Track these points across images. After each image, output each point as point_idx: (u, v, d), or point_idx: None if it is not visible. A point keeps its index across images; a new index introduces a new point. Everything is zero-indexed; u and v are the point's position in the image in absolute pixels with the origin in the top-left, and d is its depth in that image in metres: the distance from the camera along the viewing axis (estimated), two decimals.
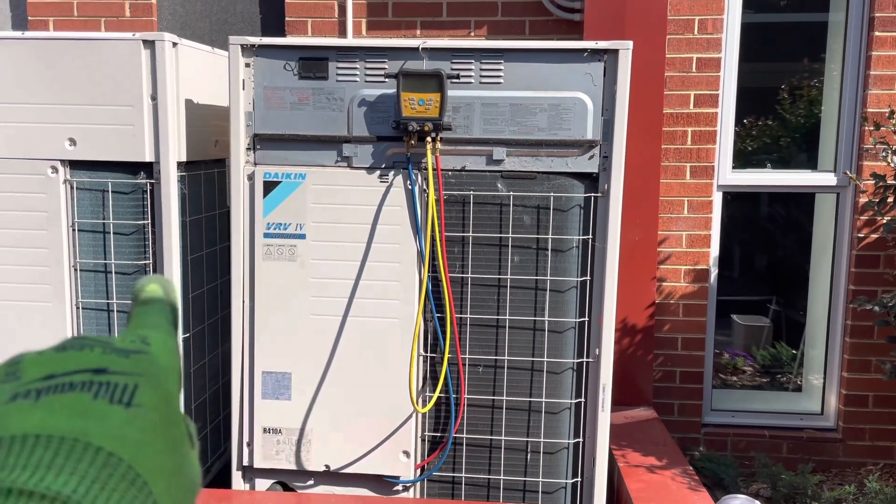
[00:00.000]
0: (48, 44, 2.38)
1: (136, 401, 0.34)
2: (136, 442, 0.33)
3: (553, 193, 2.34)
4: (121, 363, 0.35)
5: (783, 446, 3.50)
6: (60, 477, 0.31)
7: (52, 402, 0.33)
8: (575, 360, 2.40)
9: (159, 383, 0.36)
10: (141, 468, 0.33)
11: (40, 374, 0.34)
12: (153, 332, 0.39)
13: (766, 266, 4.38)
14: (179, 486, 0.35)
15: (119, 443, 0.33)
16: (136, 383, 0.35)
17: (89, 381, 0.34)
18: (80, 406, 0.33)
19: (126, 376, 0.35)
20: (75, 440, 0.32)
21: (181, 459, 0.36)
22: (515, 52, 2.31)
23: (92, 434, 0.32)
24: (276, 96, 2.36)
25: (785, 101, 3.88)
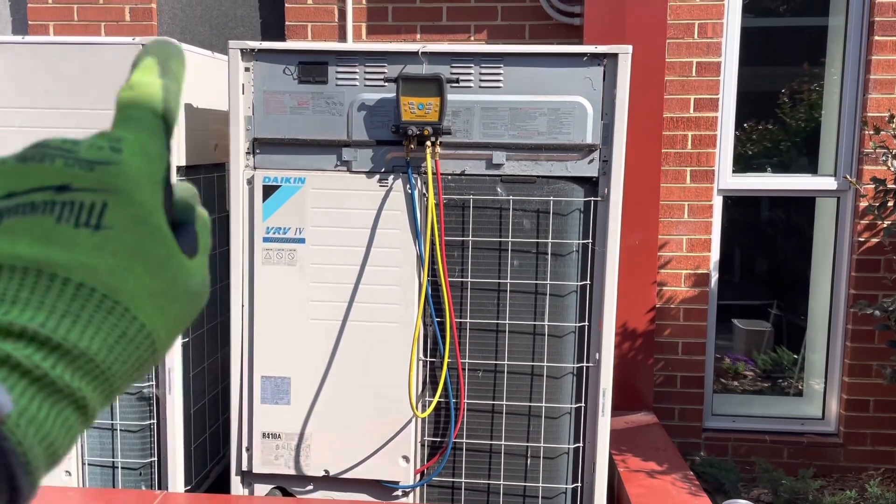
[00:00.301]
0: (49, 48, 2.38)
1: (105, 222, 0.31)
2: (110, 268, 0.31)
3: (553, 197, 2.34)
4: (85, 178, 0.32)
5: (784, 451, 3.49)
6: (27, 312, 0.29)
7: (13, 227, 0.30)
8: (575, 365, 2.39)
9: (131, 199, 0.32)
10: (119, 296, 0.31)
11: (1, 190, 0.32)
12: (129, 132, 0.34)
13: (766, 270, 4.37)
14: (174, 303, 0.33)
15: (89, 272, 0.30)
16: (105, 201, 0.31)
17: (51, 201, 0.31)
18: (42, 230, 0.30)
19: (92, 193, 0.31)
20: (38, 272, 0.30)
21: (171, 276, 0.33)
22: (515, 56, 2.31)
23: (57, 264, 0.30)
24: (275, 100, 2.36)
25: (785, 105, 3.88)
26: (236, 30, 3.68)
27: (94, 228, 0.31)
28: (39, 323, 0.29)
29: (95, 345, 0.30)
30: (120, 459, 2.48)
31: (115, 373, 0.31)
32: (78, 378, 0.29)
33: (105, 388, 0.31)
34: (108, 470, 2.50)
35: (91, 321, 0.30)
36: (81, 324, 0.30)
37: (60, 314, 0.29)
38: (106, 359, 0.30)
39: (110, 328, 0.30)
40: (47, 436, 0.28)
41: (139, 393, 2.48)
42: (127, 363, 0.31)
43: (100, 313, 0.30)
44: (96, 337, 0.30)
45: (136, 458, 2.48)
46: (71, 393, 0.29)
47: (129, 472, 2.49)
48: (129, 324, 0.31)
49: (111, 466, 2.49)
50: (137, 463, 2.48)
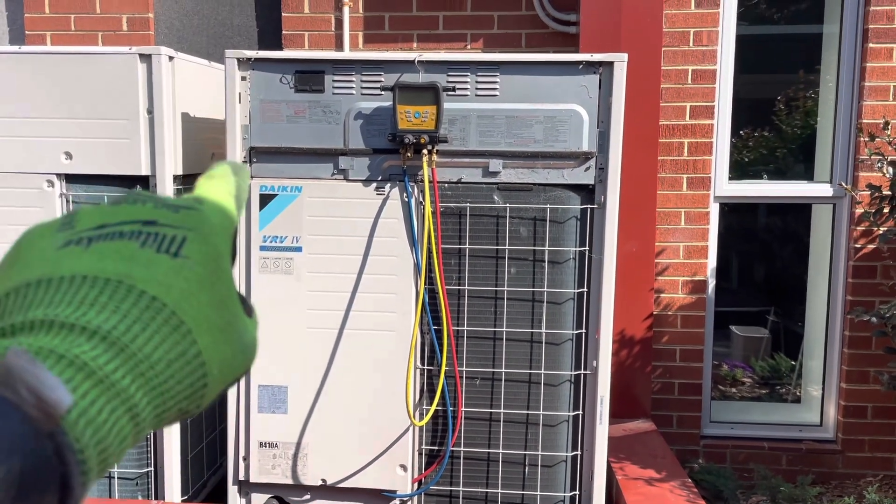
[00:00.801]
0: (45, 58, 2.39)
1: (184, 252, 0.35)
2: (181, 290, 0.34)
3: (549, 205, 2.34)
4: (171, 217, 0.36)
5: (782, 458, 3.48)
6: (102, 314, 0.31)
7: (102, 248, 0.34)
8: (573, 373, 2.39)
9: (208, 239, 0.36)
10: (185, 316, 0.33)
11: (93, 223, 0.35)
12: (209, 196, 0.40)
13: (763, 277, 4.38)
14: (228, 344, 0.35)
15: (163, 289, 0.33)
16: (185, 236, 0.36)
17: (138, 231, 0.35)
18: (127, 252, 0.34)
19: (175, 229, 0.36)
20: (119, 282, 0.33)
21: (230, 318, 0.36)
22: (511, 64, 2.31)
23: (136, 278, 0.33)
24: (272, 109, 2.37)
25: (781, 112, 3.89)
26: (233, 39, 3.69)
27: (173, 255, 0.35)
28: (112, 325, 0.31)
29: (158, 354, 0.32)
30: (116, 469, 2.47)
31: (169, 389, 0.32)
32: (136, 385, 0.31)
33: (158, 402, 0.32)
34: (105, 480, 2.49)
35: (158, 331, 0.32)
36: (149, 332, 0.32)
37: (132, 320, 0.32)
38: (164, 371, 0.32)
39: (173, 343, 0.33)
40: (102, 440, 0.29)
41: None
42: (181, 384, 0.33)
43: (166, 327, 0.33)
44: (160, 347, 0.32)
45: (133, 467, 2.47)
46: (128, 398, 0.31)
47: (126, 481, 2.48)
48: (189, 346, 0.33)
49: (107, 476, 2.48)
50: (134, 473, 2.48)
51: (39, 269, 0.33)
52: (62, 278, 0.32)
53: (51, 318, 0.30)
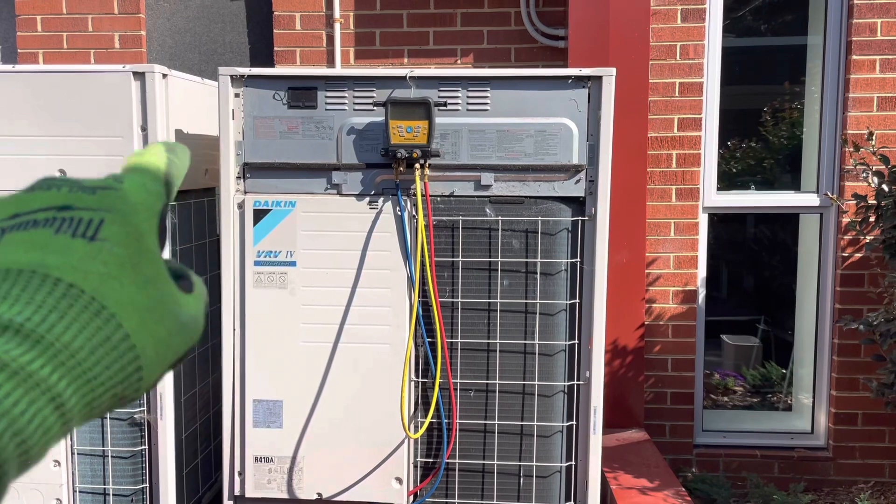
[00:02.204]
0: (38, 77, 2.41)
1: (101, 235, 0.34)
2: (100, 274, 0.33)
3: (541, 217, 2.37)
4: (86, 199, 0.35)
5: (774, 466, 3.51)
6: (15, 306, 0.30)
7: (14, 239, 0.33)
8: (566, 383, 2.41)
9: (128, 219, 0.35)
10: (106, 300, 0.32)
11: (6, 213, 0.34)
12: (132, 174, 0.38)
13: (753, 286, 4.42)
14: (160, 324, 0.34)
15: (80, 275, 0.32)
16: (102, 218, 0.34)
17: (52, 218, 0.34)
18: (40, 240, 0.33)
19: (91, 212, 0.34)
20: (32, 272, 0.32)
21: (159, 296, 0.35)
22: (501, 79, 2.35)
23: (50, 266, 0.32)
24: (265, 125, 2.39)
25: (767, 123, 3.95)
26: (225, 56, 3.72)
27: (89, 239, 0.33)
28: (26, 317, 0.30)
29: (78, 342, 0.31)
30: (111, 486, 2.47)
31: (96, 376, 0.31)
32: (58, 374, 0.30)
33: (86, 391, 0.31)
34: (100, 497, 2.48)
35: (76, 319, 0.31)
36: (67, 320, 0.31)
37: (48, 310, 0.31)
38: (87, 358, 0.31)
39: (95, 329, 0.32)
40: (20, 432, 0.28)
41: (130, 419, 2.47)
42: (109, 370, 0.32)
43: (86, 314, 0.32)
44: (80, 335, 0.31)
45: (128, 484, 2.47)
46: (48, 388, 0.30)
47: (121, 498, 2.48)
48: (114, 330, 0.32)
49: (102, 493, 2.48)
50: (129, 489, 2.47)
51: None
52: None
53: None
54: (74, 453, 2.47)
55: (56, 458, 2.46)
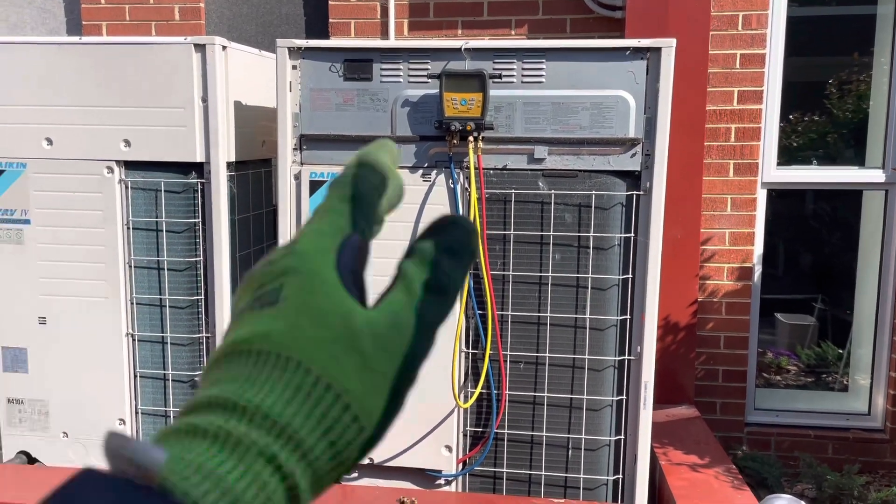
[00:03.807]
0: (104, 48, 2.47)
1: (281, 297, 0.35)
2: (281, 329, 0.34)
3: (595, 192, 2.35)
4: (269, 273, 0.36)
5: (828, 447, 3.45)
6: (243, 386, 0.33)
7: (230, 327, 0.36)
8: (617, 358, 2.41)
9: (299, 271, 0.35)
10: (290, 352, 0.33)
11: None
12: (309, 227, 0.38)
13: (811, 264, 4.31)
14: (349, 355, 0.34)
15: (264, 338, 0.34)
16: (282, 282, 0.35)
17: (250, 301, 0.36)
18: (240, 322, 0.35)
19: (274, 281, 0.36)
20: (233, 351, 0.34)
21: (338, 325, 0.34)
22: (557, 51, 2.32)
23: (242, 339, 0.34)
24: (321, 97, 2.42)
25: (832, 96, 3.82)
26: (281, 27, 3.75)
27: (272, 305, 0.35)
28: (253, 397, 0.32)
29: (279, 407, 0.32)
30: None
31: (297, 429, 0.32)
32: (265, 436, 0.32)
33: (298, 452, 0.32)
34: None
35: (268, 379, 0.33)
36: (259, 384, 0.33)
37: (244, 379, 0.33)
38: (284, 412, 0.32)
39: (286, 383, 0.33)
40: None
41: (191, 381, 2.56)
42: (311, 419, 0.33)
43: (276, 372, 0.33)
44: (271, 394, 0.32)
45: None
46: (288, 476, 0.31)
47: None
48: (304, 376, 0.33)
49: None
50: None
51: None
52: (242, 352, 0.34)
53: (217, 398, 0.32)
54: (139, 412, 2.58)
55: (121, 417, 2.57)
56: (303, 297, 0.35)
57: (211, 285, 2.52)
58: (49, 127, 2.50)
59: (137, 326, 2.55)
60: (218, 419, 0.31)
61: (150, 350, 2.56)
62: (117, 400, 2.57)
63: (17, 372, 2.61)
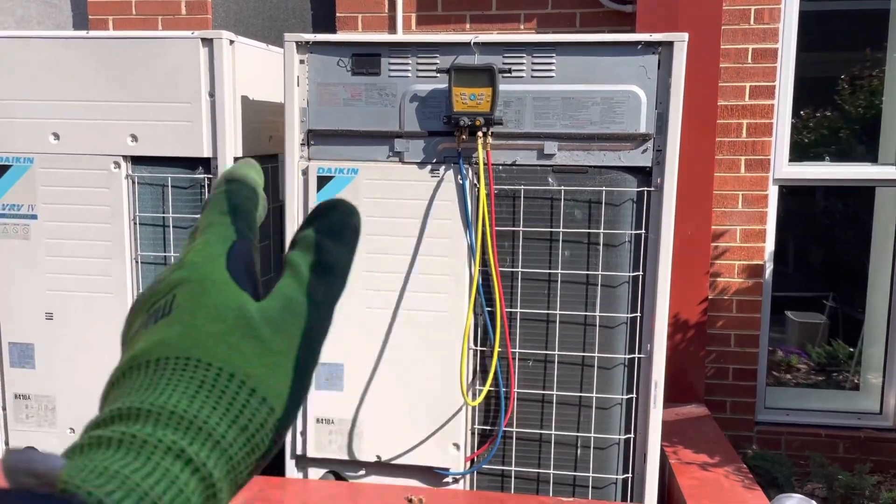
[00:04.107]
0: (111, 43, 2.46)
1: (174, 306, 0.36)
2: (177, 333, 0.35)
3: (605, 188, 2.32)
4: (161, 290, 0.38)
5: (839, 446, 3.42)
6: (163, 393, 0.33)
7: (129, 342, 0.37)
8: (626, 356, 2.38)
9: (190, 279, 0.37)
10: (190, 353, 0.34)
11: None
12: (194, 243, 0.40)
13: (822, 262, 4.27)
14: (245, 340, 0.35)
15: (162, 346, 0.35)
16: (174, 293, 0.37)
17: (147, 315, 0.37)
18: (140, 336, 0.36)
19: (166, 295, 0.37)
20: (131, 365, 0.35)
21: (232, 317, 0.36)
22: (568, 45, 2.29)
23: (143, 352, 0.35)
24: (329, 92, 2.40)
25: (844, 92, 3.77)
26: (288, 21, 3.73)
27: (166, 315, 0.36)
28: (166, 401, 0.33)
29: (184, 403, 0.33)
30: None
31: (206, 420, 0.33)
32: (212, 459, 0.32)
33: (231, 469, 0.33)
34: None
35: (170, 381, 0.33)
36: (161, 388, 0.33)
37: (146, 388, 0.33)
38: (190, 407, 0.33)
39: (188, 381, 0.33)
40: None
41: None
42: (218, 409, 0.33)
43: (177, 373, 0.34)
44: (174, 394, 0.33)
45: None
46: (208, 473, 0.32)
47: None
48: (206, 371, 0.34)
49: None
50: None
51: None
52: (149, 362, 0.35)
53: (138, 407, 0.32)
54: None
55: None
56: (196, 299, 0.36)
57: None
58: (56, 122, 2.49)
59: None
60: (122, 427, 0.32)
61: None
62: None
63: (24, 367, 2.60)
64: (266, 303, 0.37)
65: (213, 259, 0.38)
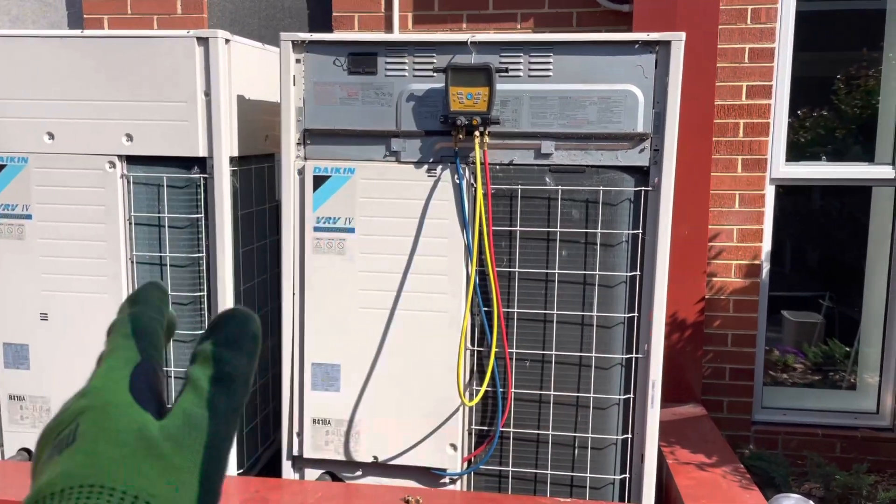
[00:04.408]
0: (107, 42, 2.45)
1: (78, 434, 0.36)
2: (80, 461, 0.35)
3: (602, 187, 2.32)
4: (67, 420, 0.38)
5: (837, 445, 3.42)
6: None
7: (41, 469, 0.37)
8: (624, 356, 2.38)
9: (92, 406, 0.37)
10: (93, 479, 0.34)
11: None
12: (97, 370, 0.40)
13: (819, 261, 4.27)
14: (146, 459, 0.36)
15: (68, 477, 0.35)
16: (78, 422, 0.37)
17: (52, 447, 0.37)
18: (48, 466, 0.36)
19: (71, 424, 0.37)
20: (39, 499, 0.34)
21: (132, 438, 0.36)
22: (565, 44, 2.29)
23: (50, 484, 0.35)
24: (325, 91, 2.39)
25: (841, 92, 3.77)
26: (284, 21, 3.72)
27: (70, 445, 0.36)
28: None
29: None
30: None
31: None
32: None
33: None
34: None
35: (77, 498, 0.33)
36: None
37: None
38: None
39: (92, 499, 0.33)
40: None
41: None
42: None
43: (82, 500, 0.33)
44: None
45: None
46: None
47: None
48: (109, 496, 0.34)
49: None
50: None
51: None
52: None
53: None
54: None
55: None
56: (98, 425, 0.36)
57: (213, 281, 2.50)
58: (51, 121, 2.48)
59: None
60: None
61: None
62: None
63: (19, 368, 2.59)
64: (167, 421, 0.37)
65: (116, 382, 0.38)
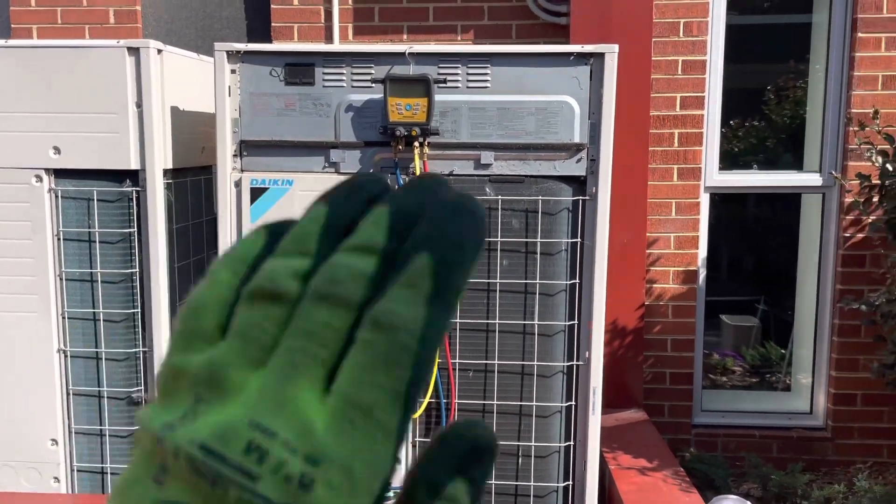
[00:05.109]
0: (32, 52, 2.36)
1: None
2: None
3: (541, 197, 2.34)
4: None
5: (773, 446, 3.51)
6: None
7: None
8: (565, 364, 2.40)
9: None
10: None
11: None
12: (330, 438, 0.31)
13: (753, 266, 4.40)
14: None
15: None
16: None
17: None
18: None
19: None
20: None
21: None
22: (502, 56, 2.31)
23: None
24: (262, 102, 2.35)
25: (771, 102, 3.91)
26: (222, 32, 3.66)
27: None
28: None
29: None
30: (109, 465, 2.47)
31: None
32: None
33: None
34: (98, 476, 2.48)
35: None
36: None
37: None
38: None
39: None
40: None
41: (128, 398, 2.46)
42: None
43: None
44: None
45: (126, 462, 2.46)
46: None
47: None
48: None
49: (101, 472, 2.48)
50: None
51: None
52: None
53: None
54: (72, 432, 2.47)
55: (53, 438, 2.46)
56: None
57: (148, 298, 2.43)
58: None
59: (70, 342, 2.43)
60: None
61: (84, 366, 2.45)
62: (49, 419, 2.44)
63: None
64: None
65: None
